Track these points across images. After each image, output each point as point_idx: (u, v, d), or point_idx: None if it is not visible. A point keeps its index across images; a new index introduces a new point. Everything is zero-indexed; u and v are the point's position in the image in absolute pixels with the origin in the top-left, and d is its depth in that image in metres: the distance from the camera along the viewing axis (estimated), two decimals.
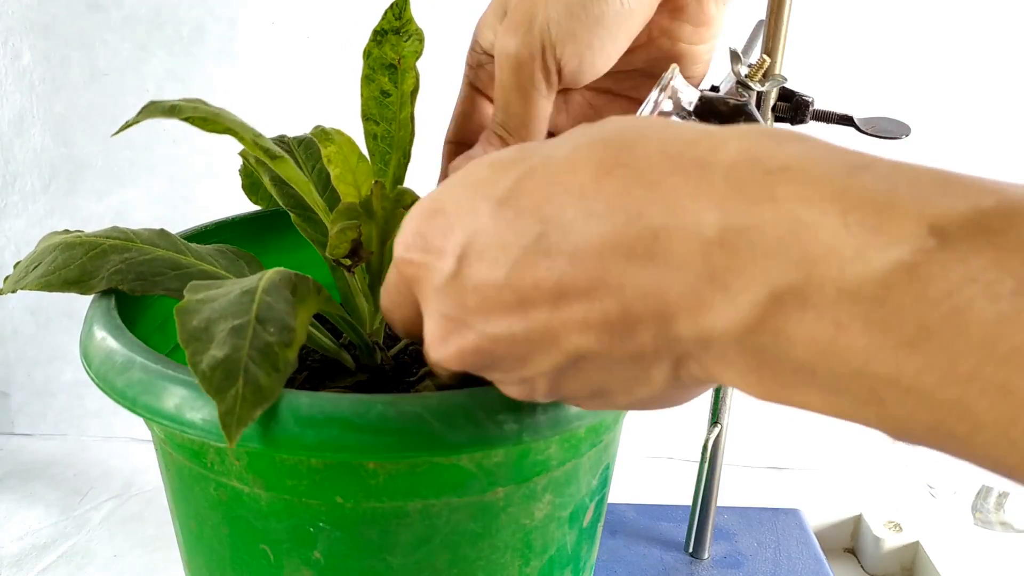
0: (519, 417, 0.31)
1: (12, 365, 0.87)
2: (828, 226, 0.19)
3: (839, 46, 0.77)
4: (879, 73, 0.78)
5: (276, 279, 0.34)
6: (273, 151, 0.40)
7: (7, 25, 0.78)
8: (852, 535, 0.77)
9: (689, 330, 0.22)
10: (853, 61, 0.78)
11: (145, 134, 0.81)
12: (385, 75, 0.42)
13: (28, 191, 0.83)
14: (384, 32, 0.41)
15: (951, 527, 0.75)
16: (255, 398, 0.29)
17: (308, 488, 0.34)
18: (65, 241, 0.40)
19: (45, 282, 0.38)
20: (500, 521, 0.36)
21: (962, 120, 0.79)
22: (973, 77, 0.78)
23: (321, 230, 0.45)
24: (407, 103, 0.42)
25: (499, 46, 0.37)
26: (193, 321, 0.30)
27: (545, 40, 0.36)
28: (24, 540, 0.73)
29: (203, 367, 0.28)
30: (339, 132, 0.38)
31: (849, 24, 0.77)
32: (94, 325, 0.37)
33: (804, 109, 0.48)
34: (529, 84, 0.37)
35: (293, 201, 0.45)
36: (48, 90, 0.80)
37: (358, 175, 0.39)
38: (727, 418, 0.62)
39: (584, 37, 0.36)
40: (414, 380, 0.42)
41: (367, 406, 0.31)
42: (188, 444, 0.35)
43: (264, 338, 0.30)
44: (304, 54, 0.80)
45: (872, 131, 0.47)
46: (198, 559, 0.40)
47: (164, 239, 0.42)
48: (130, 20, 0.79)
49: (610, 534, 0.69)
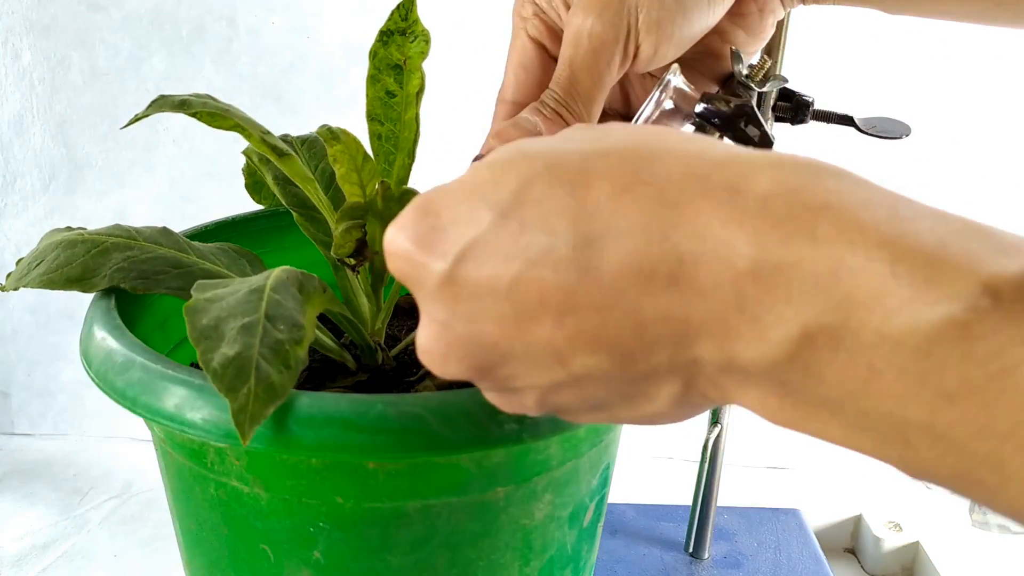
0: (519, 417, 0.32)
1: (12, 365, 0.87)
2: (875, 273, 0.19)
3: (839, 46, 0.77)
4: (879, 73, 0.78)
5: (284, 277, 0.34)
6: (280, 148, 0.40)
7: (7, 25, 0.78)
8: (852, 535, 0.77)
9: (711, 354, 0.22)
10: (853, 61, 0.78)
11: (145, 134, 0.81)
12: (391, 75, 0.42)
13: (28, 191, 0.83)
14: (390, 32, 0.41)
15: (951, 527, 0.75)
16: (267, 395, 0.29)
17: (308, 488, 0.34)
18: (67, 239, 0.40)
19: (47, 280, 0.38)
20: (500, 521, 0.36)
21: (962, 120, 0.79)
22: (973, 77, 0.78)
23: (324, 229, 0.45)
24: (412, 104, 0.42)
25: (578, 22, 0.36)
26: (203, 320, 0.30)
27: (631, 25, 0.35)
28: (24, 540, 0.73)
29: (215, 365, 0.28)
30: (345, 132, 0.38)
31: (849, 24, 0.77)
32: (94, 325, 0.37)
33: (804, 109, 0.48)
34: (605, 67, 0.36)
35: (297, 200, 0.45)
36: (48, 90, 0.80)
37: (363, 175, 0.38)
38: (727, 418, 0.62)
39: (667, 28, 0.36)
40: (414, 380, 0.42)
41: (367, 406, 0.31)
42: (188, 444, 0.35)
43: (275, 335, 0.30)
44: (304, 54, 0.80)
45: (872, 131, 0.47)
46: (198, 559, 0.40)
47: (166, 237, 0.42)
48: (130, 20, 0.79)
49: (610, 534, 0.69)
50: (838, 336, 0.20)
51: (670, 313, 0.22)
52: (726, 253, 0.21)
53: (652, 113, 0.36)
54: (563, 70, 0.36)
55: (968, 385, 0.18)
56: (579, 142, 0.24)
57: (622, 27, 0.35)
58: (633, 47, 0.36)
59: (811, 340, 0.20)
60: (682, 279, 0.21)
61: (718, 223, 0.21)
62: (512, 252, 0.23)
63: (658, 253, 0.22)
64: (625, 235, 0.22)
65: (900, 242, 0.19)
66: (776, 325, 0.20)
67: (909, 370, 0.19)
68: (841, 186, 0.21)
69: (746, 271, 0.21)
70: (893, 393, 0.19)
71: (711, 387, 0.23)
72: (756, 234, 0.21)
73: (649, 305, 0.22)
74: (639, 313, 0.22)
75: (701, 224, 0.21)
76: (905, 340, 0.19)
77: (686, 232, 0.21)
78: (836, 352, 0.20)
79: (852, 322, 0.19)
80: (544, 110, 0.36)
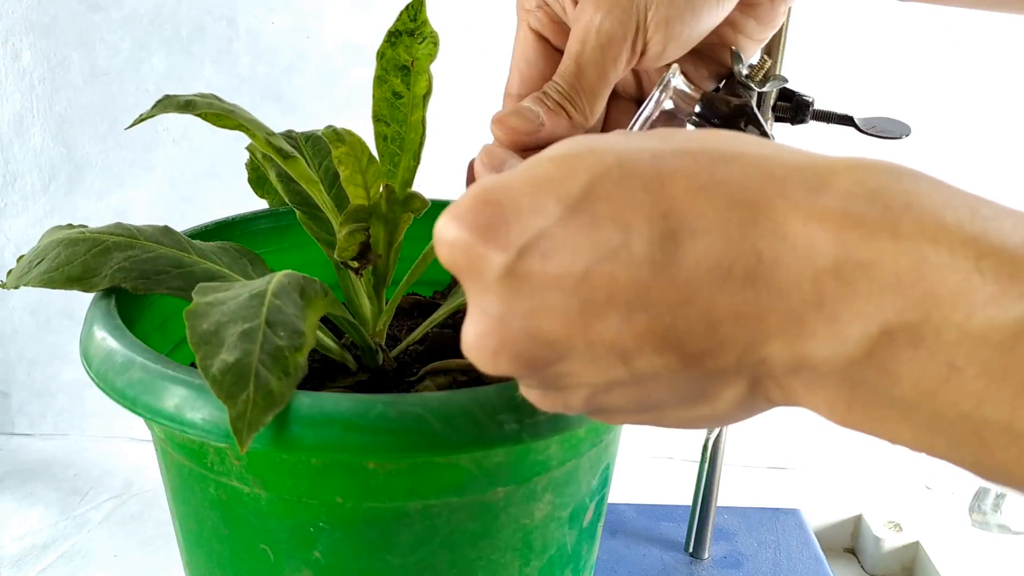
0: (519, 417, 0.31)
1: (12, 365, 0.87)
2: (959, 270, 0.19)
3: (839, 46, 0.77)
4: (879, 73, 0.78)
5: (285, 282, 0.33)
6: (285, 150, 0.40)
7: (7, 25, 0.78)
8: (852, 535, 0.77)
9: (782, 354, 0.22)
10: (853, 61, 0.78)
11: (145, 134, 0.81)
12: (398, 77, 0.41)
13: (28, 191, 0.83)
14: (398, 33, 0.41)
15: (951, 527, 0.75)
16: (266, 403, 0.29)
17: (308, 488, 0.34)
18: (68, 237, 0.40)
19: (48, 279, 0.38)
20: (500, 521, 0.36)
21: (962, 120, 0.79)
22: (973, 77, 0.78)
23: (327, 229, 0.45)
24: (419, 106, 0.42)
25: (587, 19, 0.36)
26: (203, 325, 0.30)
27: (640, 22, 0.35)
28: (24, 540, 0.73)
29: (214, 371, 0.28)
30: (350, 133, 0.38)
31: (849, 24, 0.77)
32: (94, 325, 0.37)
33: (804, 109, 0.48)
34: (611, 64, 0.35)
35: (300, 199, 0.45)
36: (48, 90, 0.80)
37: (368, 177, 0.38)
38: None
39: (676, 26, 0.35)
40: (414, 380, 0.42)
41: (367, 406, 0.31)
42: (188, 444, 0.35)
43: (275, 342, 0.30)
44: (304, 54, 0.80)
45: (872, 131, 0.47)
46: (198, 559, 0.40)
47: (168, 236, 0.42)
48: (130, 20, 0.79)
49: (610, 534, 0.69)
50: (919, 333, 0.20)
51: (744, 311, 0.22)
52: (806, 251, 0.21)
53: (652, 113, 0.35)
54: (569, 64, 0.36)
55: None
56: (646, 140, 0.24)
57: (631, 25, 0.35)
58: (641, 44, 0.36)
59: (891, 337, 0.20)
60: (759, 278, 0.21)
61: (798, 222, 0.21)
62: (582, 247, 0.23)
63: (736, 251, 0.21)
64: (702, 233, 0.22)
65: (984, 240, 0.19)
66: (855, 322, 0.20)
67: (991, 367, 0.19)
68: (920, 187, 0.21)
69: (826, 269, 0.20)
70: (972, 391, 0.19)
71: (776, 389, 0.23)
72: (837, 232, 0.20)
73: (723, 304, 0.22)
74: (712, 312, 0.22)
75: (780, 223, 0.21)
76: (988, 336, 0.19)
77: (765, 230, 0.21)
78: (916, 350, 0.20)
79: (934, 319, 0.19)
80: (547, 101, 0.36)
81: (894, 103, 0.77)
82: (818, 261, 0.21)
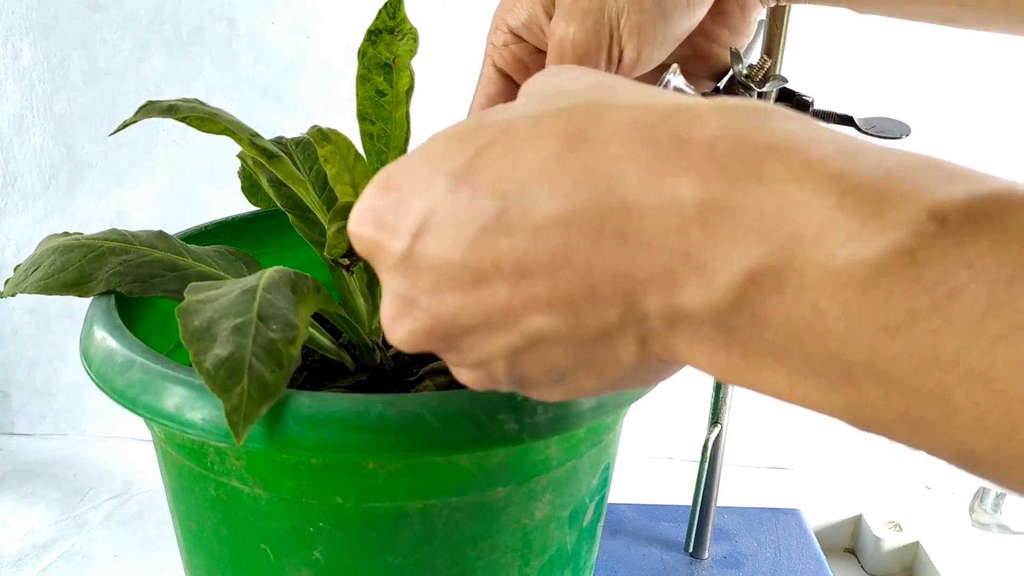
0: (519, 417, 0.31)
1: (12, 365, 0.87)
2: (822, 207, 0.19)
3: (839, 46, 0.77)
4: (879, 73, 0.78)
5: (276, 277, 0.34)
6: (270, 151, 0.40)
7: (7, 25, 0.78)
8: (852, 535, 0.77)
9: (659, 309, 0.21)
10: (853, 61, 0.78)
11: (145, 134, 0.81)
12: (380, 74, 0.42)
13: (28, 191, 0.83)
14: (378, 31, 0.41)
15: (951, 527, 0.75)
16: (260, 395, 0.29)
17: (308, 488, 0.34)
18: (64, 244, 0.40)
19: (44, 285, 0.38)
20: (500, 521, 0.36)
21: (962, 120, 0.79)
22: (973, 77, 0.78)
23: (319, 230, 0.45)
24: (402, 102, 0.42)
25: (561, 32, 0.36)
26: (195, 321, 0.30)
27: (613, 30, 0.36)
28: (24, 540, 0.73)
29: (207, 366, 0.28)
30: (335, 132, 0.38)
31: (849, 24, 0.77)
32: (94, 325, 0.37)
33: (804, 109, 0.48)
34: None
35: (291, 202, 0.45)
36: (48, 90, 0.80)
37: (355, 174, 0.39)
38: (727, 418, 0.62)
39: (649, 31, 0.36)
40: (414, 380, 0.42)
41: (367, 406, 0.31)
42: (188, 444, 0.35)
43: (267, 335, 0.30)
44: (304, 54, 0.80)
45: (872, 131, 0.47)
46: (198, 559, 0.40)
47: (162, 241, 0.42)
48: (130, 20, 0.79)
49: (610, 534, 0.69)
50: (783, 276, 0.19)
51: (620, 269, 0.21)
52: (672, 201, 0.20)
53: None
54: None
55: (913, 315, 0.18)
56: (538, 102, 0.24)
57: (604, 34, 0.36)
58: (617, 52, 0.36)
59: (756, 283, 0.19)
60: (630, 232, 0.21)
61: (664, 172, 0.21)
62: (466, 219, 0.23)
63: (605, 207, 0.21)
64: (572, 192, 0.22)
65: (848, 176, 0.19)
66: (721, 270, 0.20)
67: (852, 306, 0.18)
68: (788, 125, 0.21)
69: (692, 217, 0.20)
70: (836, 332, 0.19)
71: (660, 346, 0.23)
72: (702, 179, 0.20)
73: (599, 263, 0.22)
74: (590, 272, 0.22)
75: (647, 175, 0.21)
76: (850, 273, 0.18)
77: (632, 184, 0.21)
78: (781, 294, 0.19)
79: (798, 260, 0.19)
80: None
81: (894, 103, 0.77)
82: (684, 209, 0.20)
